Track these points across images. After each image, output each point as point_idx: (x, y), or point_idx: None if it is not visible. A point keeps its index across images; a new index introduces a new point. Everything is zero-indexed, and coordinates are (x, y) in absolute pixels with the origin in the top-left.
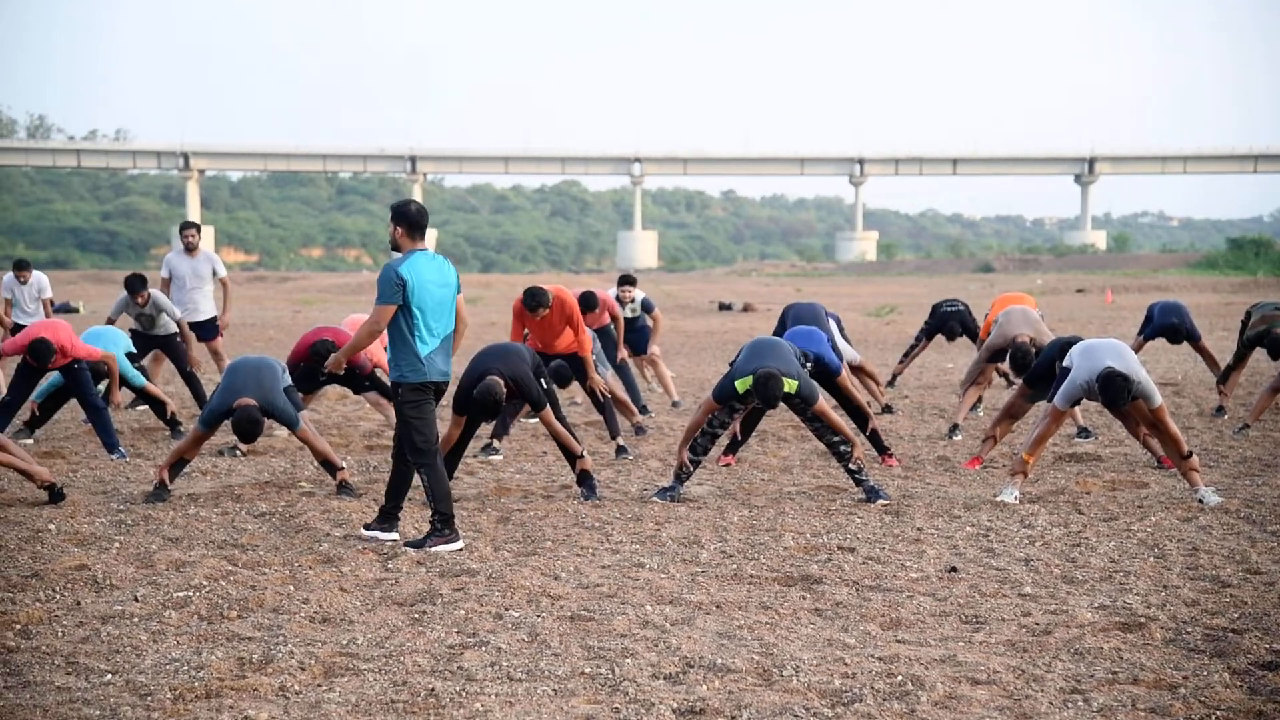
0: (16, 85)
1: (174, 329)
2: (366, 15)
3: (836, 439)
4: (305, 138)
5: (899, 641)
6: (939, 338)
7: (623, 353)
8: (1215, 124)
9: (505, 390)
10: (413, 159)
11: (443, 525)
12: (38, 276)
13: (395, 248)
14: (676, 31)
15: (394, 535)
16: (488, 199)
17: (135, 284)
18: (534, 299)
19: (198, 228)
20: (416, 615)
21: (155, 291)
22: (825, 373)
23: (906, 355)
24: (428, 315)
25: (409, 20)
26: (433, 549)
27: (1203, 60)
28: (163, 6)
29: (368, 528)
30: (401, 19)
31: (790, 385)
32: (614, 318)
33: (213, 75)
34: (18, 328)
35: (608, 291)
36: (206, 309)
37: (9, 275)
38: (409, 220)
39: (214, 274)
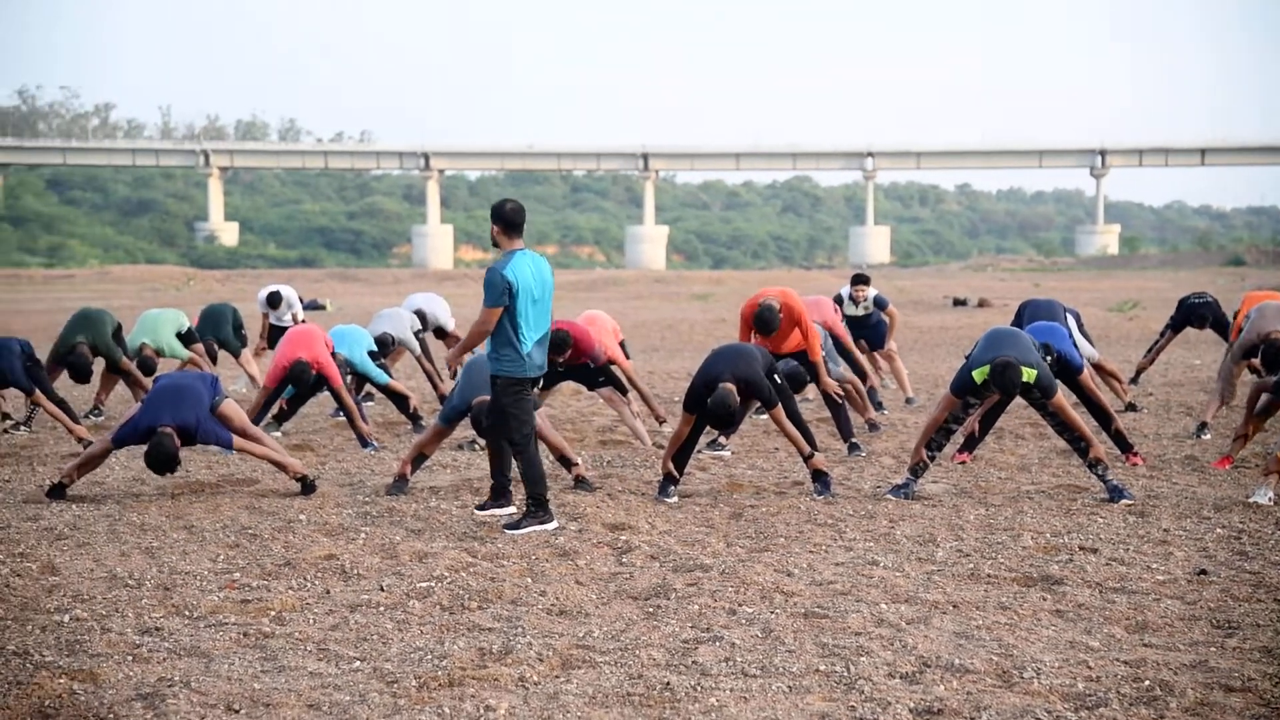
0: (269, 90)
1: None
2: (597, 15)
3: (1074, 435)
4: (540, 137)
5: (1146, 645)
6: (1187, 330)
7: (858, 356)
8: None
9: (738, 397)
10: (645, 156)
11: (537, 508)
12: (287, 296)
13: (495, 244)
14: (908, 24)
15: (510, 509)
16: (719, 195)
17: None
18: (766, 326)
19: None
20: (651, 609)
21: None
22: (1067, 371)
23: (1151, 350)
24: (529, 315)
25: (638, 19)
26: (527, 530)
27: None
28: (404, 12)
29: (481, 508)
30: (630, 18)
31: (1029, 374)
32: (828, 326)
33: (452, 77)
34: (274, 331)
35: (841, 290)
36: None
37: (263, 299)
38: (505, 219)
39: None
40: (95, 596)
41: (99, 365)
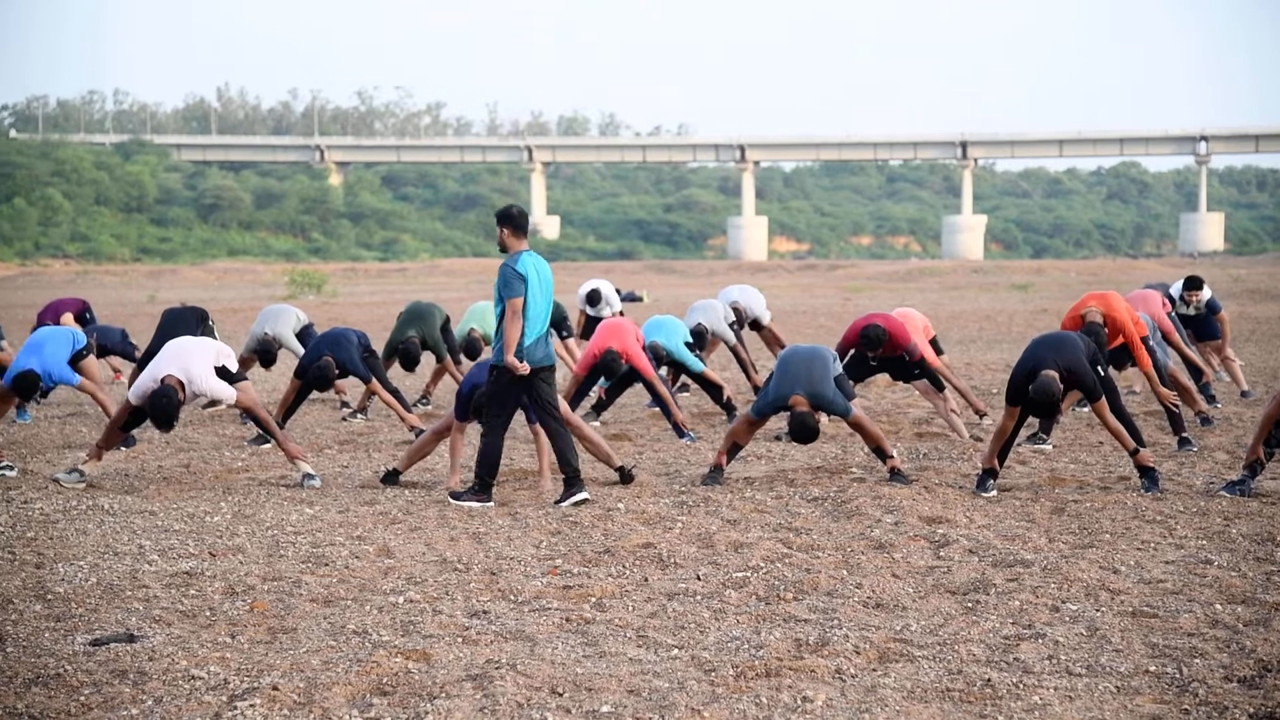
0: (590, 86)
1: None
2: (912, 2)
3: None
4: (856, 126)
5: None
6: None
7: (1190, 355)
8: None
9: (1061, 384)
10: (963, 144)
11: (481, 489)
12: (605, 293)
13: (503, 249)
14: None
15: (489, 503)
16: (1040, 183)
17: None
18: (1096, 340)
19: None
20: (970, 604)
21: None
22: None
23: None
24: (531, 310)
25: (956, 6)
26: (465, 504)
27: None
28: (719, 5)
29: (456, 496)
30: (947, 4)
31: None
32: (1156, 321)
33: (768, 68)
34: (590, 323)
35: (1172, 288)
36: None
37: (583, 295)
38: (514, 222)
39: None
40: (427, 579)
41: (428, 358)
